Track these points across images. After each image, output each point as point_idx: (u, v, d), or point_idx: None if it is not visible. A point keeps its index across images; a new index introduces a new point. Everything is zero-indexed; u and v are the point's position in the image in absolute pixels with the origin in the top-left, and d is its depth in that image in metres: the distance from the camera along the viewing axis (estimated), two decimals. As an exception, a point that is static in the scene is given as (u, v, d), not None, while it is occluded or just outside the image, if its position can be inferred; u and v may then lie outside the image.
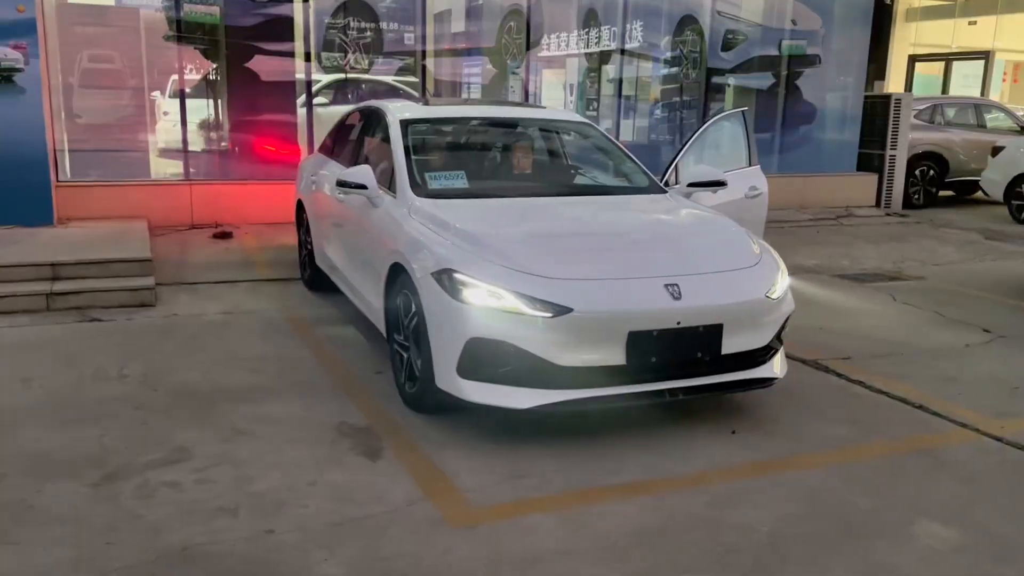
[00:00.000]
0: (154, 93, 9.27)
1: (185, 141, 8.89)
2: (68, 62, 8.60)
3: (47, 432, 3.98)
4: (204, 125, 9.25)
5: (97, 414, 4.20)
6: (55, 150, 8.03)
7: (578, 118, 5.98)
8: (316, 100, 9.85)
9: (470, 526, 3.22)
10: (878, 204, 11.88)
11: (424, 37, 9.92)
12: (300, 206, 6.90)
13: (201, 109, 9.16)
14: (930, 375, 5.08)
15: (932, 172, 12.42)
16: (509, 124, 5.74)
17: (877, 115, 11.77)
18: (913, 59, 22.48)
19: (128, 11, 9.24)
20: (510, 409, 3.76)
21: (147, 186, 8.58)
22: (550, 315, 3.66)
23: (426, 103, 6.70)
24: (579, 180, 5.50)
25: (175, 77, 8.97)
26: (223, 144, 9.19)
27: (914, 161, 12.12)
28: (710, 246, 4.34)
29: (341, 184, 4.85)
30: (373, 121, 5.77)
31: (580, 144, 5.82)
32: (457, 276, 3.83)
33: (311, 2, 9.18)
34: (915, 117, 12.33)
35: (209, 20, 8.67)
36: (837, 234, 10.21)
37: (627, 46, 10.82)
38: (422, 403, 4.19)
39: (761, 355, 4.12)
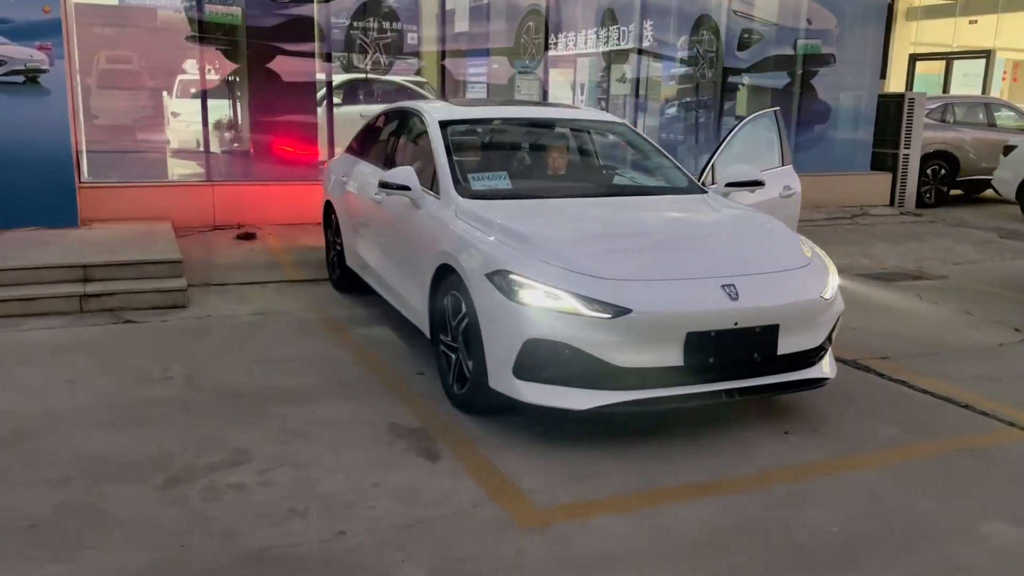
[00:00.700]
0: (164, 93, 9.25)
1: (207, 142, 8.86)
2: (87, 63, 8.58)
3: (102, 435, 3.97)
4: (226, 126, 9.23)
5: (148, 416, 4.19)
6: (77, 151, 8.01)
7: (614, 118, 5.99)
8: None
9: (540, 527, 3.22)
10: (892, 203, 11.92)
11: (444, 38, 9.90)
12: (328, 207, 6.89)
13: (222, 110, 9.14)
14: (970, 374, 5.10)
15: (943, 171, 12.47)
16: (546, 124, 5.74)
17: (891, 114, 11.81)
18: (914, 58, 22.55)
19: (147, 11, 9.20)
20: (568, 410, 3.76)
21: (169, 187, 8.55)
22: (609, 316, 3.66)
23: (452, 104, 6.67)
24: (619, 180, 5.51)
25: (195, 78, 8.94)
26: (245, 145, 9.18)
27: (925, 160, 12.16)
28: (763, 246, 4.35)
29: (384, 185, 4.85)
30: (407, 122, 5.76)
31: (617, 144, 5.84)
32: (513, 277, 3.83)
33: (331, 3, 9.16)
34: (926, 116, 12.37)
35: (230, 21, 8.65)
36: (854, 233, 10.24)
37: (644, 46, 10.82)
38: (472, 404, 4.19)
39: (813, 356, 4.13)
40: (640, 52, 10.72)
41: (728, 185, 5.28)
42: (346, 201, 6.35)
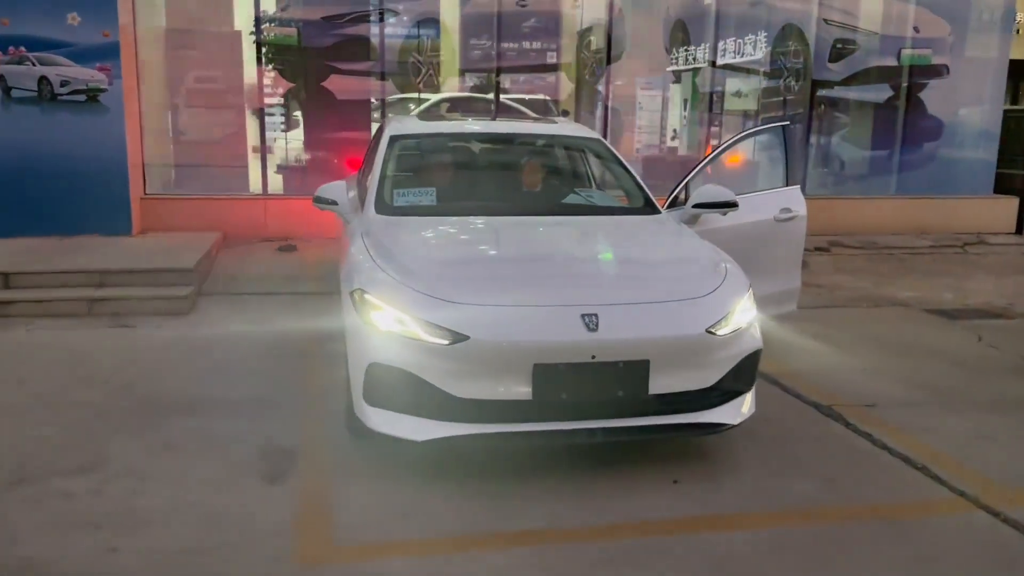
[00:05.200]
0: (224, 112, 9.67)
1: (264, 158, 9.23)
2: (153, 82, 9.17)
3: (3, 433, 4.15)
4: (280, 142, 9.59)
5: (57, 419, 4.33)
6: (143, 164, 8.56)
7: (588, 133, 5.63)
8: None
9: (313, 565, 3.02)
10: (1019, 231, 10.55)
11: (498, 54, 9.80)
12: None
13: (278, 127, 9.51)
14: (961, 431, 4.35)
15: (1091, 195, 10.89)
16: (506, 140, 5.49)
17: (1020, 131, 10.46)
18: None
19: (209, 34, 9.66)
20: (408, 441, 3.52)
21: (223, 200, 8.96)
22: (447, 343, 3.40)
23: (422, 118, 6.43)
24: (561, 199, 5.11)
25: (255, 96, 9.34)
26: (297, 160, 9.49)
27: (1068, 182, 10.69)
28: (659, 273, 3.90)
29: (316, 200, 4.81)
30: (378, 136, 5.71)
31: (583, 160, 5.48)
32: (367, 298, 3.66)
33: (386, 22, 9.31)
34: (1071, 132, 10.88)
35: (287, 42, 8.99)
36: (956, 263, 9.13)
37: (719, 59, 10.21)
38: (351, 427, 4.03)
39: (713, 397, 3.64)
40: (714, 65, 10.12)
41: (696, 206, 4.82)
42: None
